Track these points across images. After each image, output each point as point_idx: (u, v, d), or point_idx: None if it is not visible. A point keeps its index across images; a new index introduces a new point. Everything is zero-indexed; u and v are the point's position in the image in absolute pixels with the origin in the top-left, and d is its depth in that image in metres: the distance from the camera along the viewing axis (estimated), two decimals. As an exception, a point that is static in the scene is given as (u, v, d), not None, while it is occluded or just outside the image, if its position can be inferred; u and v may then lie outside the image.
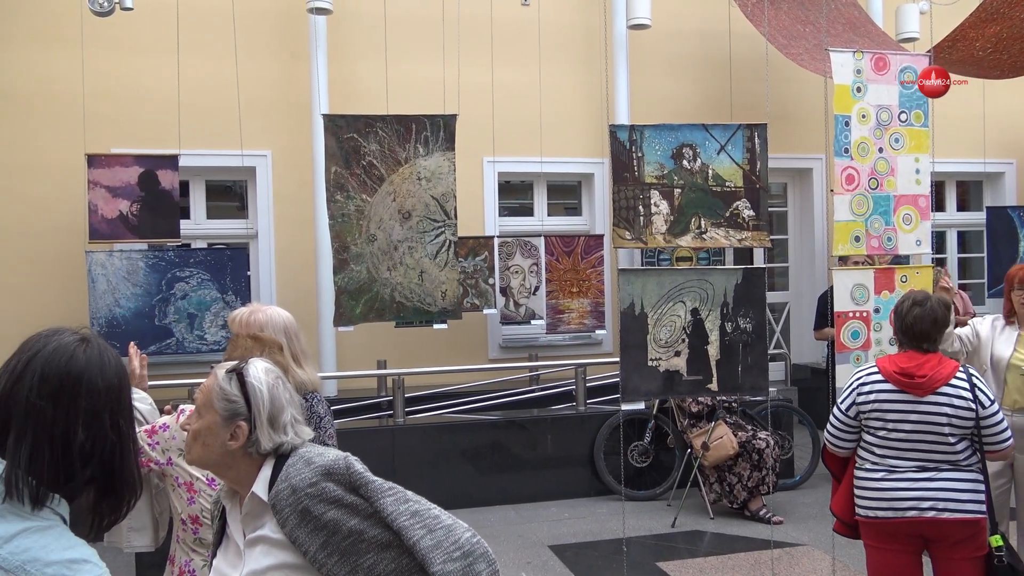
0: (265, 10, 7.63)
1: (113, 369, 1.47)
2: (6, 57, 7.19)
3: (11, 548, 1.31)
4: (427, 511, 1.82)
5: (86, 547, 1.40)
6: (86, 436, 1.40)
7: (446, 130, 6.73)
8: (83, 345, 1.45)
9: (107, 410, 1.43)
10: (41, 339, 1.45)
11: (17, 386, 1.39)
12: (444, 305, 6.82)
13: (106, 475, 1.44)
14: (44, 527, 1.36)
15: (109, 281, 6.71)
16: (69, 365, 1.41)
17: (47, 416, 1.37)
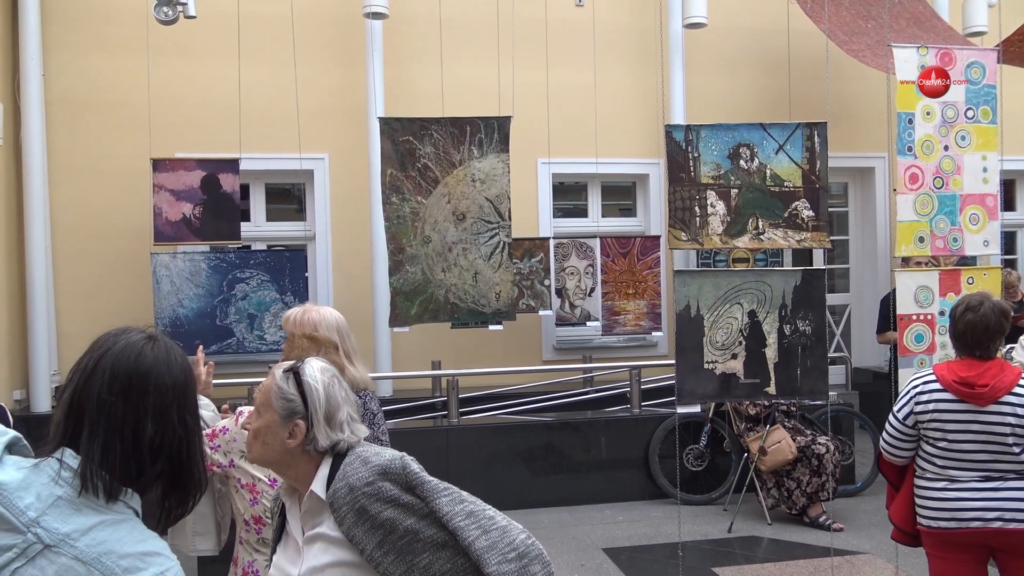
0: (323, 16, 7.75)
1: (179, 366, 1.51)
2: (76, 66, 7.44)
3: (88, 540, 1.36)
4: (482, 512, 1.83)
5: (158, 540, 1.43)
6: (155, 431, 1.44)
7: (500, 132, 6.75)
8: (150, 343, 1.50)
9: (174, 405, 1.47)
10: (110, 338, 1.50)
11: (89, 383, 1.44)
12: (498, 306, 6.83)
13: (174, 469, 1.48)
14: (118, 520, 1.40)
15: (173, 282, 6.90)
16: (138, 362, 1.46)
17: (118, 412, 1.42)
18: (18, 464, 1.40)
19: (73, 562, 1.34)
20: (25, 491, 1.36)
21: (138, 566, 1.37)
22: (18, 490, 1.36)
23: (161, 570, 1.40)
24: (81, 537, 1.35)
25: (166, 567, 1.41)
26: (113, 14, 7.42)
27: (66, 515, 1.36)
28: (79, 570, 1.34)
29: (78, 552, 1.34)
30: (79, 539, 1.35)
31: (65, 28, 7.40)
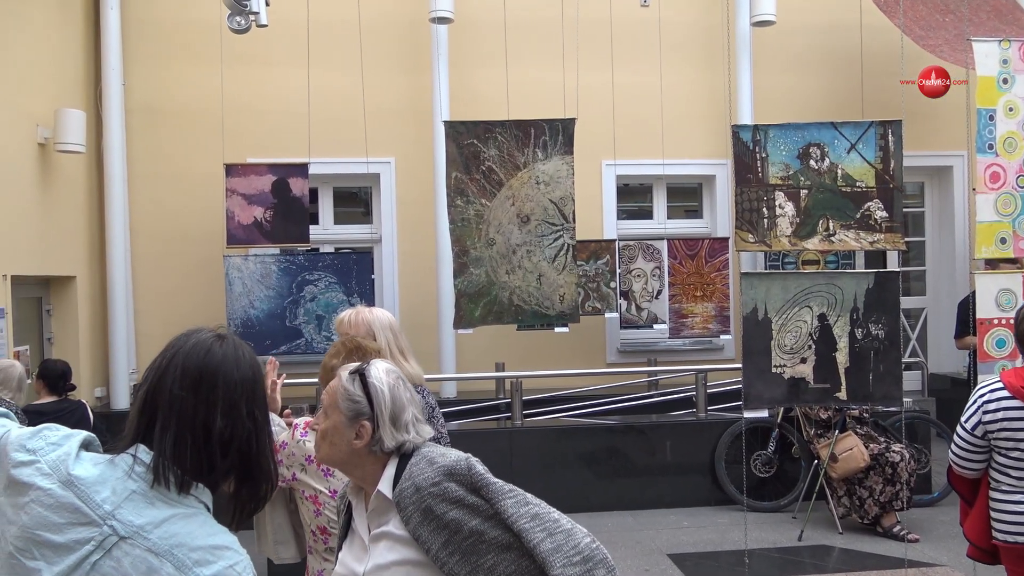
0: (389, 22, 7.86)
1: (247, 363, 1.55)
2: (153, 75, 7.71)
3: (160, 533, 1.40)
4: (547, 514, 1.83)
5: (228, 534, 1.47)
6: (224, 425, 1.48)
7: (565, 134, 6.74)
8: (219, 341, 1.54)
9: (243, 400, 1.51)
10: (182, 337, 1.56)
11: (161, 380, 1.49)
12: (562, 308, 6.82)
13: (244, 463, 1.51)
14: (190, 514, 1.44)
15: (244, 284, 7.08)
16: (207, 359, 1.50)
17: (188, 406, 1.47)
18: (94, 460, 1.45)
19: (146, 554, 1.38)
20: (101, 485, 1.41)
21: (208, 559, 1.41)
22: (95, 485, 1.41)
23: (230, 563, 1.43)
24: (154, 530, 1.40)
25: (235, 561, 1.44)
26: (189, 25, 7.66)
27: (140, 508, 1.41)
28: (152, 562, 1.38)
29: (151, 544, 1.39)
30: (152, 532, 1.40)
31: (144, 40, 7.67)
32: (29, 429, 1.53)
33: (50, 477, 1.41)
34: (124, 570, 1.37)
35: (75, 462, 1.43)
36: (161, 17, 7.72)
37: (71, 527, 1.38)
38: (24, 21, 6.33)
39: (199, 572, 1.39)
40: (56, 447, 1.46)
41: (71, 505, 1.39)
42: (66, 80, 7.03)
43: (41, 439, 1.47)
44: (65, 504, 1.39)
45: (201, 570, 1.39)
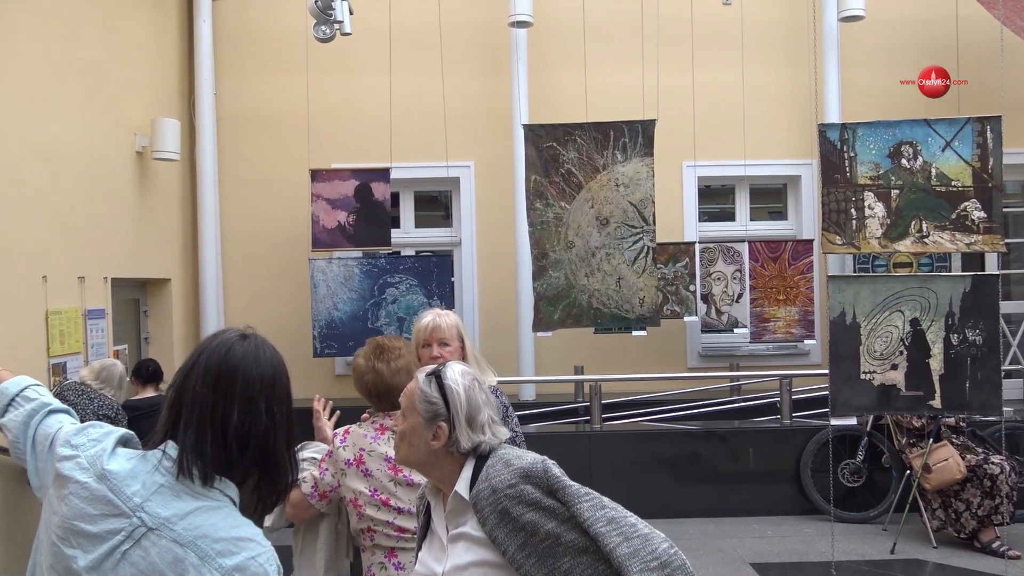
0: (469, 27, 7.94)
1: (267, 361, 1.60)
2: (241, 84, 7.98)
3: (185, 525, 1.46)
4: (624, 519, 1.81)
5: (252, 527, 1.52)
6: (241, 420, 1.53)
7: (644, 135, 6.67)
8: (241, 340, 1.61)
9: (261, 397, 1.56)
10: (210, 337, 1.64)
11: (187, 379, 1.57)
12: (642, 312, 6.76)
13: (264, 458, 1.56)
14: (214, 507, 1.50)
15: (328, 286, 7.25)
16: (227, 357, 1.57)
17: (208, 402, 1.53)
18: (128, 455, 1.54)
19: (172, 544, 1.45)
20: (132, 479, 1.49)
21: (231, 550, 1.46)
22: (126, 478, 1.49)
23: (253, 555, 1.48)
24: (179, 521, 1.46)
25: (257, 552, 1.49)
26: (276, 36, 7.90)
27: (167, 501, 1.48)
28: (177, 552, 1.44)
29: (176, 535, 1.45)
30: (177, 523, 1.46)
31: (234, 51, 7.95)
32: (77, 426, 1.63)
33: (87, 471, 1.50)
34: (151, 559, 1.44)
35: (110, 457, 1.52)
36: (250, 28, 7.99)
37: (104, 518, 1.46)
38: (123, 36, 6.64)
39: (222, 563, 1.44)
40: (96, 443, 1.55)
41: (104, 497, 1.47)
42: (162, 91, 7.34)
43: (84, 436, 1.57)
44: (99, 496, 1.48)
45: (224, 560, 1.45)
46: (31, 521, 5.04)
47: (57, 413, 1.74)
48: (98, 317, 6.04)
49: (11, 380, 1.85)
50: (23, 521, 5.05)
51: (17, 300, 5.10)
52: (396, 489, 2.69)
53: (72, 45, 5.86)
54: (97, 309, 6.04)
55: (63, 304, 5.60)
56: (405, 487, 2.69)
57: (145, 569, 1.43)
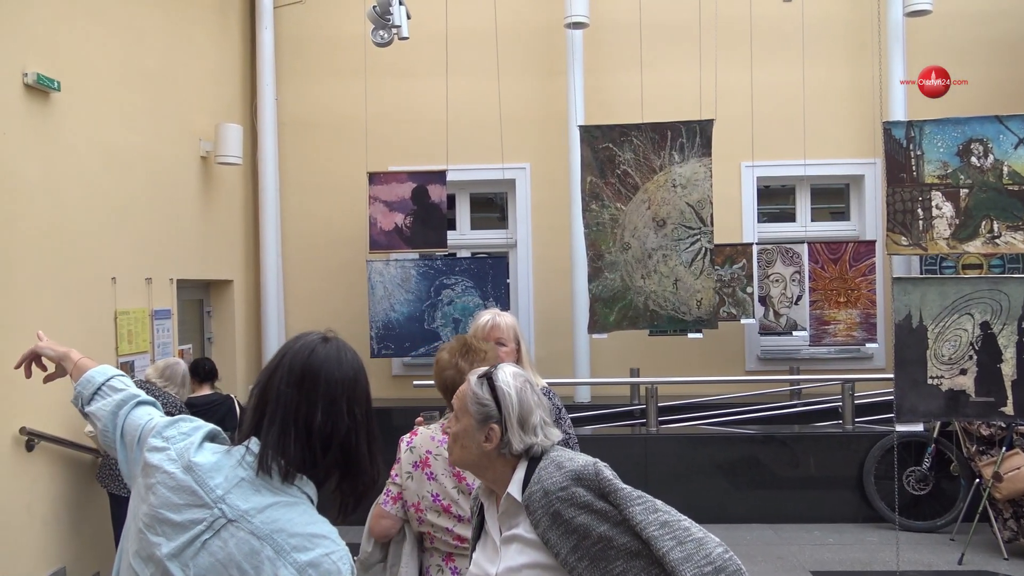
0: (525, 29, 7.95)
1: (349, 363, 1.64)
2: (304, 90, 8.12)
3: (263, 518, 1.51)
4: (677, 522, 1.79)
5: (328, 524, 1.56)
6: (324, 419, 1.57)
7: (702, 136, 6.60)
8: (323, 343, 1.65)
9: (343, 398, 1.60)
10: (293, 339, 1.69)
11: (272, 378, 1.62)
12: (699, 314, 6.68)
13: (346, 458, 1.60)
14: (292, 503, 1.54)
15: (385, 288, 7.34)
16: (311, 358, 1.61)
17: (292, 402, 1.57)
18: (213, 450, 1.60)
19: (250, 536, 1.49)
20: (216, 472, 1.55)
21: (306, 545, 1.49)
22: (210, 471, 1.55)
23: (327, 552, 1.51)
24: (257, 515, 1.51)
25: (332, 550, 1.52)
26: (335, 41, 8.03)
27: (247, 494, 1.53)
28: (254, 544, 1.48)
29: (254, 528, 1.50)
30: (255, 516, 1.51)
31: (295, 57, 8.10)
32: (167, 419, 1.70)
33: (176, 463, 1.57)
34: (229, 550, 1.48)
35: (197, 450, 1.58)
36: (310, 35, 8.13)
37: (188, 508, 1.52)
38: (188, 45, 6.83)
39: (296, 557, 1.48)
40: (185, 437, 1.62)
41: (189, 488, 1.53)
42: (225, 97, 7.52)
43: (175, 429, 1.64)
44: (184, 487, 1.53)
45: (298, 555, 1.48)
46: (98, 515, 5.21)
47: (145, 405, 1.80)
48: (164, 317, 6.22)
49: (96, 369, 1.90)
50: (91, 515, 5.22)
51: (88, 301, 5.28)
52: (458, 497, 2.65)
53: (140, 54, 6.05)
54: (163, 310, 6.21)
55: (131, 305, 5.77)
56: (467, 496, 2.64)
57: (223, 559, 1.48)
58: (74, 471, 5.12)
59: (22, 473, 4.65)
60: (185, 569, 1.49)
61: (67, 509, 5.04)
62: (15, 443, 4.61)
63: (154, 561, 1.51)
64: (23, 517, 4.64)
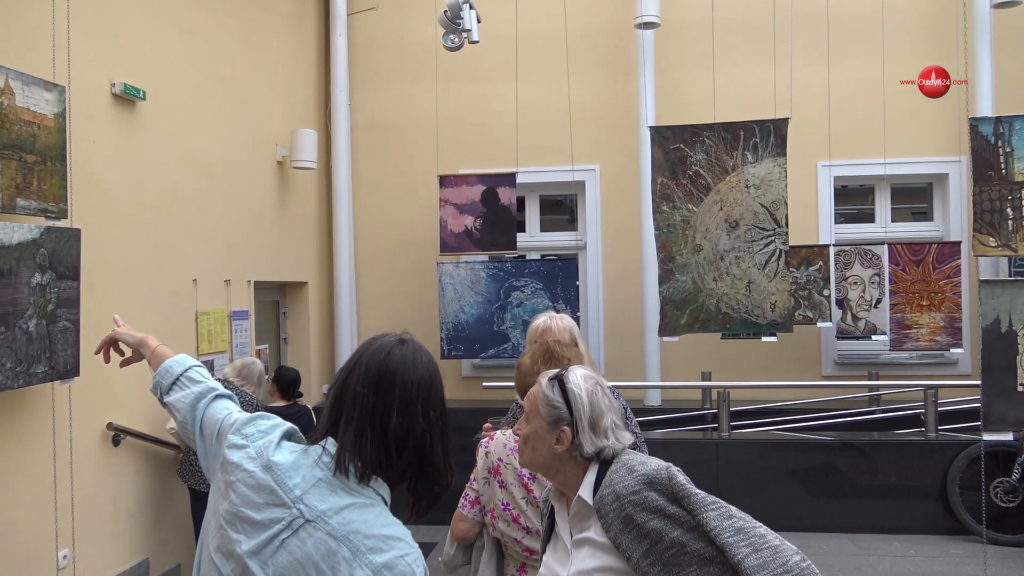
0: (595, 30, 7.92)
1: (424, 366, 1.65)
2: (376, 95, 8.26)
3: (339, 519, 1.52)
4: (752, 529, 1.75)
5: (402, 527, 1.57)
6: (399, 421, 1.58)
7: (777, 135, 6.46)
8: (400, 345, 1.66)
9: (418, 400, 1.61)
10: (369, 341, 1.70)
11: (348, 379, 1.63)
12: (773, 317, 6.54)
13: (420, 461, 1.60)
14: (367, 504, 1.55)
15: (456, 289, 7.40)
16: (387, 360, 1.62)
17: (368, 403, 1.59)
18: (291, 448, 1.62)
19: (326, 537, 1.50)
20: (294, 472, 1.57)
21: (381, 547, 1.50)
22: (289, 471, 1.57)
23: (401, 554, 1.52)
24: (334, 515, 1.52)
25: (406, 552, 1.52)
26: (407, 46, 8.14)
27: (324, 495, 1.54)
28: (330, 544, 1.50)
29: (330, 528, 1.51)
30: (332, 517, 1.52)
31: (367, 63, 8.24)
32: (246, 415, 1.72)
33: (255, 461, 1.59)
34: (307, 550, 1.50)
35: (275, 449, 1.60)
36: (382, 40, 8.26)
37: (267, 507, 1.54)
38: (265, 53, 7.01)
39: (372, 559, 1.49)
40: (264, 435, 1.64)
41: (269, 487, 1.55)
42: (300, 103, 7.70)
43: (254, 426, 1.67)
44: (264, 486, 1.56)
45: (374, 557, 1.49)
46: (179, 509, 5.39)
47: (223, 399, 1.83)
48: (242, 318, 6.39)
49: (174, 358, 1.92)
50: (172, 509, 5.41)
51: (171, 301, 5.47)
52: (527, 508, 2.64)
53: (220, 63, 6.24)
54: (241, 310, 6.39)
55: (211, 306, 5.96)
56: (535, 508, 2.62)
57: (301, 559, 1.50)
58: (157, 466, 5.31)
59: (109, 467, 4.85)
60: (264, 567, 1.51)
61: (150, 503, 5.22)
62: (103, 438, 4.80)
63: (234, 557, 1.54)
64: (110, 509, 4.84)
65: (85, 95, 4.63)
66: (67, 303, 4.21)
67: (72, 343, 4.24)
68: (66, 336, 4.20)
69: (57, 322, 4.13)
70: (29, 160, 3.93)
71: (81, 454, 4.54)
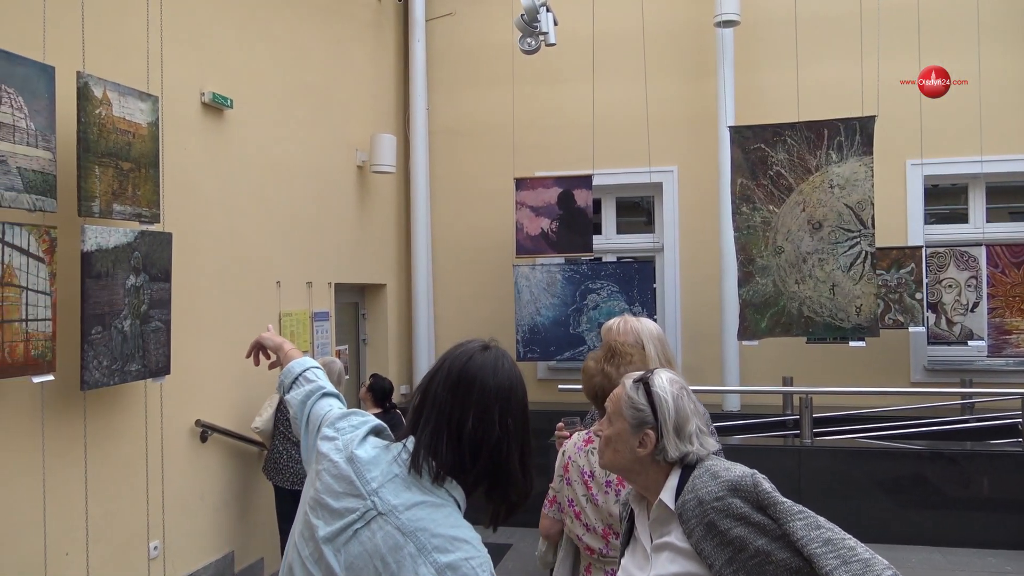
0: (673, 29, 7.82)
1: (505, 373, 1.66)
2: (453, 99, 8.34)
3: (409, 515, 1.54)
4: (841, 540, 1.69)
5: (471, 530, 1.57)
6: (475, 425, 1.60)
7: (863, 133, 6.26)
8: (482, 351, 1.68)
9: (496, 406, 1.62)
10: (456, 346, 1.73)
11: (432, 381, 1.67)
12: (859, 321, 6.33)
13: (495, 467, 1.61)
14: (438, 504, 1.57)
15: (532, 292, 7.41)
16: (467, 365, 1.65)
17: (446, 405, 1.62)
18: (374, 444, 1.68)
19: (395, 531, 1.53)
20: (374, 466, 1.62)
21: (447, 547, 1.51)
22: (368, 464, 1.62)
23: (467, 556, 1.52)
24: (405, 511, 1.55)
25: (472, 555, 1.53)
26: (483, 51, 8.20)
27: (398, 490, 1.58)
28: (398, 539, 1.52)
29: (400, 523, 1.54)
30: (403, 512, 1.55)
31: (445, 68, 8.34)
32: (342, 411, 1.81)
33: (341, 452, 1.66)
34: (376, 542, 1.53)
35: (360, 443, 1.67)
36: (460, 45, 8.34)
37: (345, 496, 1.59)
38: (347, 60, 7.17)
39: (437, 558, 1.50)
40: (354, 429, 1.72)
41: (348, 478, 1.61)
42: (379, 108, 7.84)
43: (346, 421, 1.75)
44: (344, 476, 1.61)
45: (439, 556, 1.50)
46: (263, 505, 5.54)
47: (329, 396, 1.94)
48: (323, 319, 6.54)
49: (297, 360, 2.08)
50: (256, 505, 5.56)
51: (256, 303, 5.64)
52: (586, 505, 2.66)
53: (303, 71, 6.40)
54: (322, 312, 6.54)
55: (294, 307, 6.11)
56: (593, 506, 2.65)
57: (370, 550, 1.53)
58: (242, 463, 5.48)
59: (197, 462, 5.02)
60: (337, 554, 1.56)
61: (235, 498, 5.39)
62: (191, 435, 4.98)
63: (313, 541, 1.60)
64: (197, 503, 5.01)
65: (176, 104, 4.82)
66: (159, 304, 4.38)
67: (163, 342, 4.41)
68: (158, 336, 4.37)
69: (150, 322, 4.31)
70: (125, 167, 4.10)
71: (171, 450, 4.72)
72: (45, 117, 3.60)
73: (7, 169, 3.40)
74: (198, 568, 4.96)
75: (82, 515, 4.05)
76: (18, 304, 3.48)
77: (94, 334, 3.90)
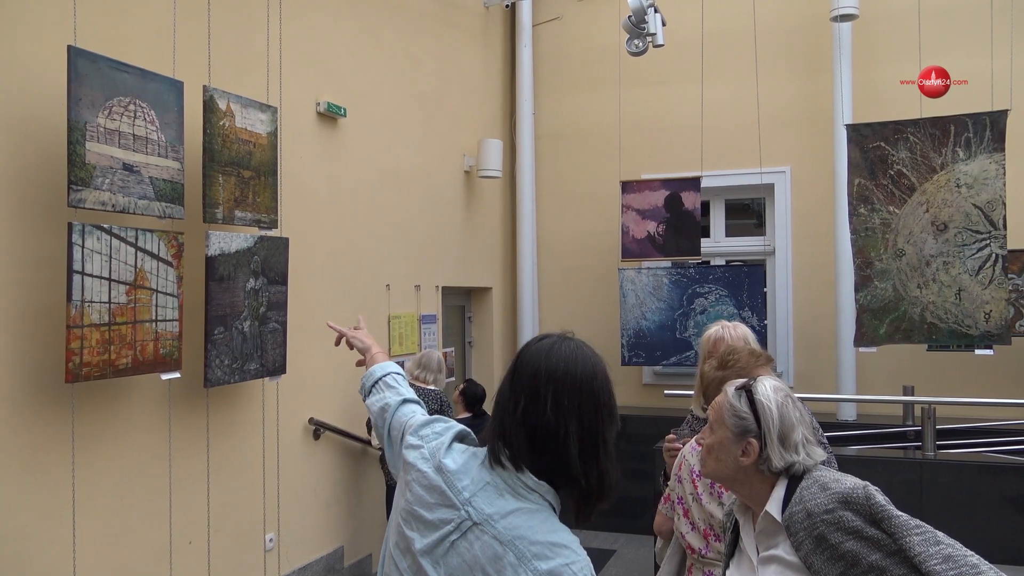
0: (785, 25, 7.59)
1: (584, 364, 1.59)
2: (559, 103, 8.36)
3: (505, 524, 1.51)
4: (963, 557, 1.60)
5: (569, 534, 1.53)
6: (526, 407, 1.55)
7: (993, 129, 5.91)
8: (561, 342, 1.63)
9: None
10: (532, 340, 1.69)
11: (510, 374, 1.64)
12: (988, 328, 5.97)
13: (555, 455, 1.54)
14: (533, 510, 1.53)
15: (637, 296, 7.33)
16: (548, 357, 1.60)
17: (520, 398, 1.57)
18: (461, 450, 1.65)
19: (493, 541, 1.50)
20: (464, 474, 1.59)
21: (546, 554, 1.48)
22: (458, 473, 1.59)
23: (567, 561, 1.48)
24: (501, 519, 1.52)
25: (572, 560, 1.49)
26: (589, 54, 8.18)
27: (491, 498, 1.54)
28: (497, 548, 1.49)
29: (497, 532, 1.51)
30: (499, 521, 1.52)
31: (551, 72, 8.37)
32: (425, 418, 1.78)
33: (428, 462, 1.63)
34: (475, 553, 1.51)
35: (446, 452, 1.64)
36: (566, 49, 8.35)
37: (438, 507, 1.57)
38: (455, 67, 7.29)
39: (537, 565, 1.47)
40: (438, 436, 1.69)
41: (439, 488, 1.58)
42: (487, 114, 7.94)
43: (429, 428, 1.73)
44: (435, 486, 1.59)
45: (539, 563, 1.47)
46: (372, 501, 5.70)
47: (410, 403, 1.92)
48: (431, 322, 6.67)
49: (379, 364, 2.07)
50: (366, 501, 5.73)
51: (367, 305, 5.81)
52: (692, 504, 2.67)
53: (414, 79, 6.56)
54: (430, 315, 6.67)
55: (402, 310, 6.26)
56: (697, 505, 2.64)
57: (469, 561, 1.51)
58: (352, 459, 5.65)
59: (310, 458, 5.21)
60: (436, 567, 1.54)
61: (346, 494, 5.56)
62: (305, 432, 5.17)
63: (410, 554, 1.58)
64: (310, 499, 5.20)
65: (293, 114, 5.02)
66: (276, 306, 4.57)
67: (280, 343, 4.60)
68: (275, 336, 4.56)
69: (267, 323, 4.50)
70: (245, 175, 4.31)
71: (286, 446, 4.91)
72: (174, 129, 3.82)
73: (140, 179, 3.63)
74: (310, 561, 5.15)
75: (204, 506, 4.27)
76: (149, 305, 3.71)
77: (217, 334, 4.10)
